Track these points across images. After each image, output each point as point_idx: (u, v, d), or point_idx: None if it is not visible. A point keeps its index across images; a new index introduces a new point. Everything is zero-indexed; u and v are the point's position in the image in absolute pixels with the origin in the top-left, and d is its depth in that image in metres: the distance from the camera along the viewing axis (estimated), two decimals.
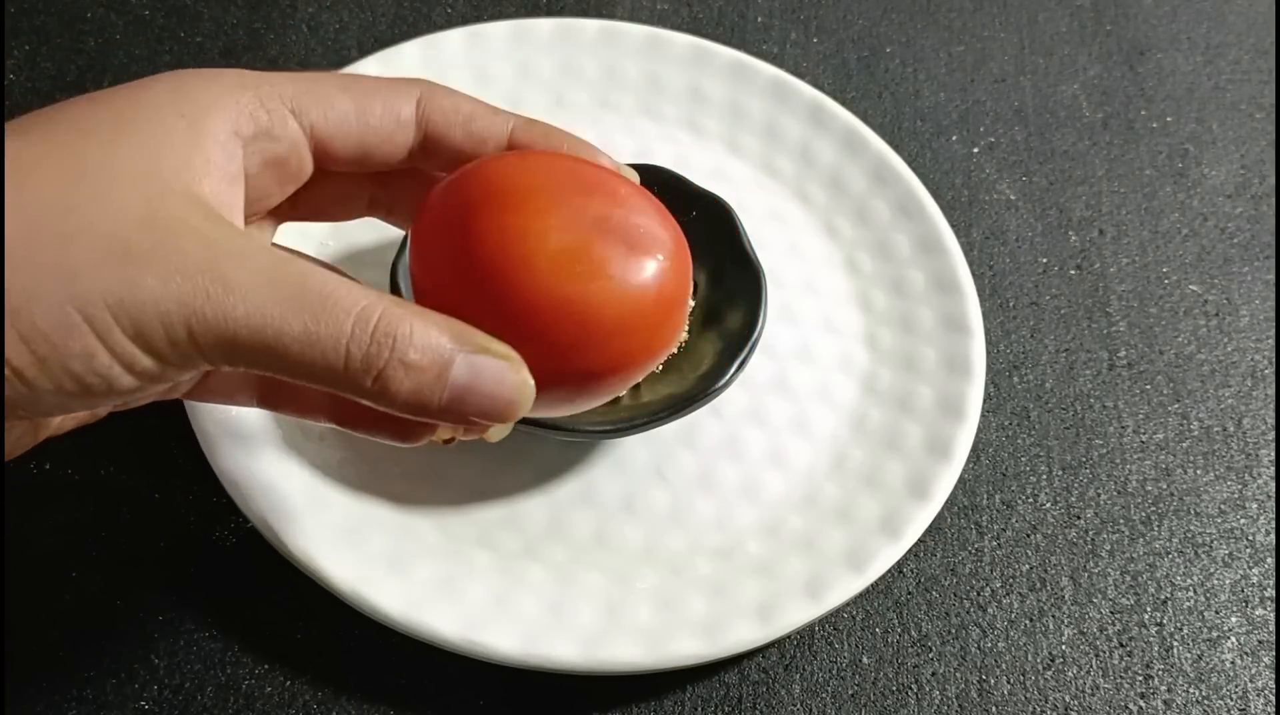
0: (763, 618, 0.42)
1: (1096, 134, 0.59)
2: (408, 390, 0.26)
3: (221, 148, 0.27)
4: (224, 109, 0.27)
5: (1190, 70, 0.61)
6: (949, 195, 0.56)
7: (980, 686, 0.44)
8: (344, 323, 0.25)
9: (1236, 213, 0.57)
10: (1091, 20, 0.63)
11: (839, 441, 0.47)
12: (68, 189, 0.24)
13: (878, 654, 0.44)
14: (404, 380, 0.25)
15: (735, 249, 0.47)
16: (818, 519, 0.45)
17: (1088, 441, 0.50)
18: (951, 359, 0.48)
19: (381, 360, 0.25)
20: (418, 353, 0.25)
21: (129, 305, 0.24)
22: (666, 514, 0.45)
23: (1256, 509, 0.49)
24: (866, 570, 0.43)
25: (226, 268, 0.24)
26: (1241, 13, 0.64)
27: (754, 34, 0.60)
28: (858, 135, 0.53)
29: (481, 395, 0.26)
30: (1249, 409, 0.51)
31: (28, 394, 0.24)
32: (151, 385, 0.25)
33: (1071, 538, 0.47)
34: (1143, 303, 0.54)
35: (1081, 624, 0.45)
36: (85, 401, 0.25)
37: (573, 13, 0.59)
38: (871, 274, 0.51)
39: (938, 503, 0.45)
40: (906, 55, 0.61)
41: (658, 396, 0.45)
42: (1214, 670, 0.45)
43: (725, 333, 0.46)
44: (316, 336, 0.25)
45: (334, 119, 0.30)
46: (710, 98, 0.55)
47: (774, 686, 0.43)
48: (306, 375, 0.25)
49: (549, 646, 0.40)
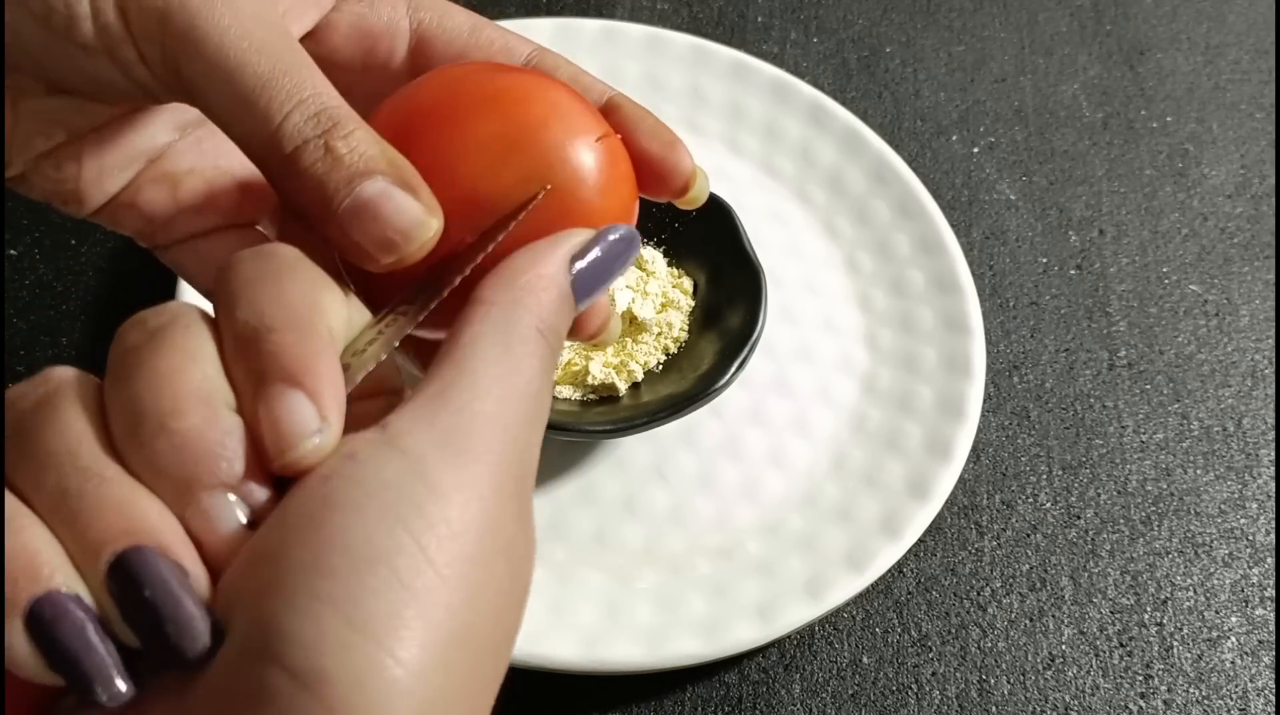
0: (763, 618, 0.42)
1: (1096, 134, 0.59)
2: (318, 172, 0.25)
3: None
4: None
5: (1190, 70, 0.61)
6: (949, 195, 0.56)
7: (980, 686, 0.44)
8: (302, 88, 0.25)
9: (1236, 213, 0.57)
10: (1091, 20, 0.63)
11: (839, 441, 0.47)
12: None
13: (878, 654, 0.44)
14: (318, 162, 0.25)
15: (735, 249, 0.47)
16: (818, 519, 0.45)
17: (1088, 441, 0.50)
18: (951, 359, 0.48)
19: (311, 133, 0.25)
20: (346, 148, 0.25)
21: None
22: (666, 514, 0.45)
23: (1256, 509, 0.49)
24: (866, 570, 0.43)
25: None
26: (1241, 13, 0.64)
27: (754, 34, 0.60)
28: (858, 135, 0.53)
29: (380, 220, 0.25)
30: (1249, 409, 0.51)
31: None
32: (107, 60, 0.25)
33: (1071, 538, 0.47)
34: (1143, 303, 0.54)
35: (1081, 624, 0.45)
36: (47, 34, 0.25)
37: (573, 13, 0.59)
38: (871, 274, 0.51)
39: (938, 503, 0.45)
40: (906, 55, 0.61)
41: (658, 396, 0.45)
42: (1214, 670, 0.45)
43: (725, 333, 0.46)
44: (272, 84, 0.24)
45: (449, 27, 0.29)
46: (710, 98, 0.55)
47: (774, 686, 0.43)
48: (235, 115, 0.25)
49: (549, 646, 0.40)
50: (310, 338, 0.22)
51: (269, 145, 0.25)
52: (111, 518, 0.20)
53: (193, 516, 0.21)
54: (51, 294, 0.49)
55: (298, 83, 0.25)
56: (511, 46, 0.30)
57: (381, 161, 0.25)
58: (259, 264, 0.23)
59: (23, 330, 0.48)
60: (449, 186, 0.26)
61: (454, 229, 0.26)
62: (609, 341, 0.32)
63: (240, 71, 0.24)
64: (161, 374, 0.21)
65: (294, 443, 0.21)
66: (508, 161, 0.27)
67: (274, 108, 0.24)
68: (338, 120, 0.25)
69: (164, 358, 0.21)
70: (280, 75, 0.25)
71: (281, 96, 0.24)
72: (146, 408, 0.21)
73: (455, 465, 0.21)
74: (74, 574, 0.20)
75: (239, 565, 0.20)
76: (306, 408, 0.21)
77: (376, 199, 0.25)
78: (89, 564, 0.20)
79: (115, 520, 0.20)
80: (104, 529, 0.20)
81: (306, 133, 0.25)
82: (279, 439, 0.21)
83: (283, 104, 0.25)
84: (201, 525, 0.21)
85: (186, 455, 0.21)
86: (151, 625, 0.20)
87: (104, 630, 0.20)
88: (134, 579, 0.20)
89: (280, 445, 0.21)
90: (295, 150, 0.25)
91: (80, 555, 0.20)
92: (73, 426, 0.21)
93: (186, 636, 0.20)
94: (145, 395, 0.21)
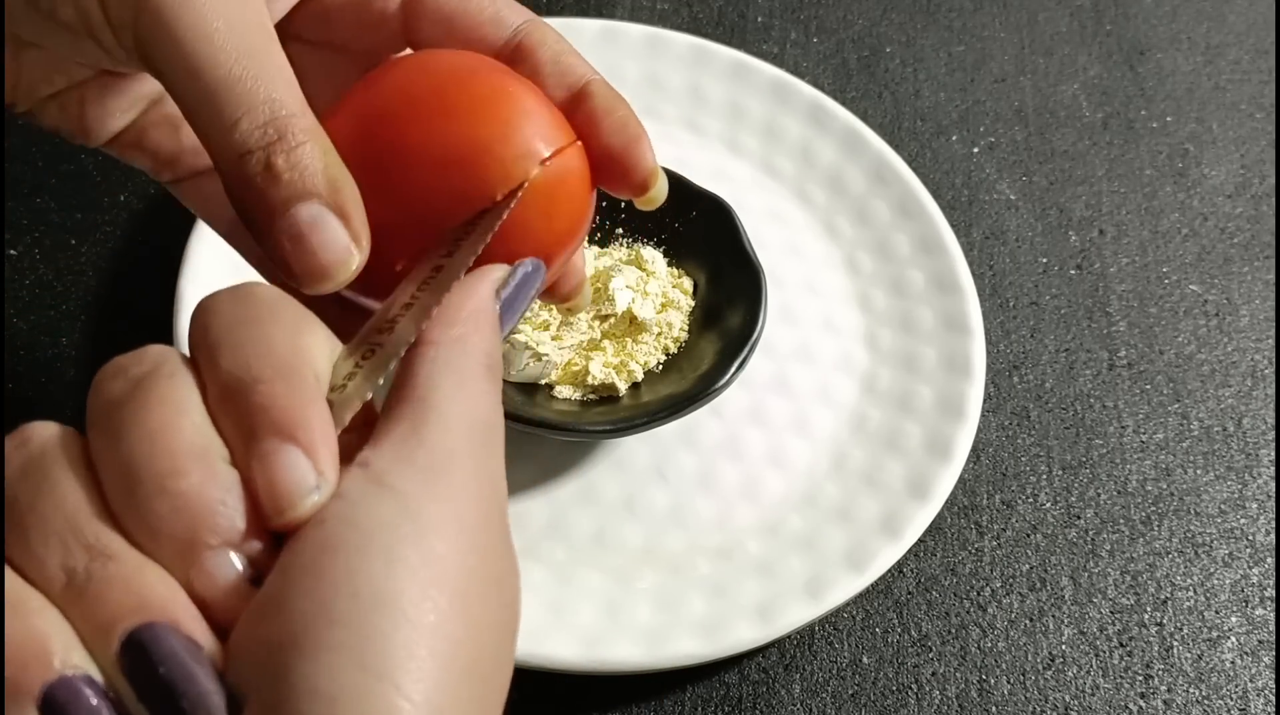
0: (763, 618, 0.42)
1: (1096, 134, 0.59)
2: (257, 186, 0.24)
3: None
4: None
5: (1190, 70, 0.61)
6: (949, 195, 0.56)
7: (980, 686, 0.44)
8: (256, 94, 0.24)
9: (1236, 213, 0.57)
10: (1091, 20, 0.63)
11: (839, 441, 0.47)
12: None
13: (878, 654, 0.44)
14: (257, 174, 0.24)
15: (735, 249, 0.47)
16: (818, 519, 0.45)
17: (1088, 441, 0.50)
18: (951, 359, 0.48)
19: (256, 144, 0.24)
20: (287, 164, 0.24)
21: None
22: (666, 514, 0.45)
23: (1256, 509, 0.49)
24: (866, 570, 0.43)
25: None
26: (1241, 13, 0.64)
27: (754, 34, 0.60)
28: (858, 135, 0.53)
29: (308, 249, 0.24)
30: (1249, 409, 0.51)
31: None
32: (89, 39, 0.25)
33: (1071, 538, 0.47)
34: (1143, 303, 0.54)
35: (1081, 624, 0.45)
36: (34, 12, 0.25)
37: (573, 13, 0.59)
38: (871, 274, 0.51)
39: (938, 503, 0.45)
40: (906, 55, 0.61)
41: (658, 396, 0.45)
42: (1214, 670, 0.45)
43: (725, 333, 0.46)
44: (230, 88, 0.24)
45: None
46: (710, 98, 0.55)
47: (774, 686, 0.43)
48: (194, 113, 0.25)
49: (549, 646, 0.40)
50: (298, 387, 0.21)
51: (219, 149, 0.25)
52: (121, 594, 0.20)
53: (196, 577, 0.20)
54: (51, 294, 0.49)
55: (252, 89, 0.24)
56: (501, 15, 0.29)
57: (321, 182, 0.25)
58: (238, 309, 0.22)
59: (23, 330, 0.48)
60: (389, 202, 0.26)
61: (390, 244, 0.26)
62: (581, 306, 0.32)
63: (200, 71, 0.24)
64: (152, 430, 0.21)
65: (293, 502, 0.20)
66: (449, 180, 0.27)
67: (226, 112, 0.24)
68: (284, 132, 0.24)
69: (152, 412, 0.21)
70: (237, 80, 0.24)
71: (235, 101, 0.24)
72: (141, 469, 0.20)
73: (442, 500, 0.21)
74: (85, 655, 0.20)
75: (247, 622, 0.20)
76: (303, 464, 0.21)
77: (307, 226, 0.24)
78: (100, 642, 0.20)
79: (125, 597, 0.20)
80: (114, 607, 0.20)
81: (252, 142, 0.24)
82: (277, 498, 0.20)
83: (234, 109, 0.24)
84: (206, 585, 0.20)
85: (187, 517, 0.20)
86: (167, 703, 0.19)
87: (118, 711, 0.19)
88: (148, 656, 0.19)
89: (279, 505, 0.20)
90: (240, 159, 0.24)
91: (90, 634, 0.20)
92: (69, 496, 0.20)
93: (202, 712, 0.19)
94: (138, 455, 0.20)
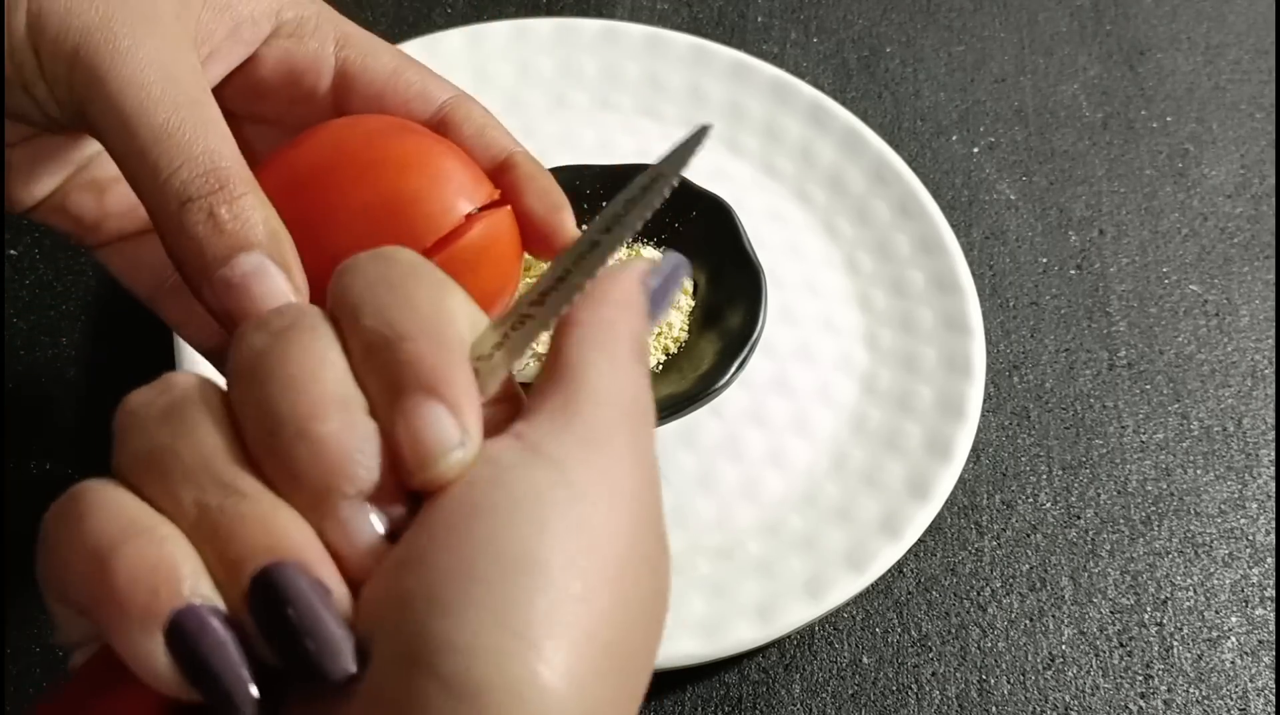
0: (763, 618, 0.42)
1: (1096, 134, 0.59)
2: (199, 234, 0.24)
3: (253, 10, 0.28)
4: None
5: (1190, 70, 0.61)
6: (949, 195, 0.56)
7: (980, 686, 0.44)
8: (194, 145, 0.25)
9: (1236, 213, 0.57)
10: (1091, 20, 0.63)
11: (839, 441, 0.47)
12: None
13: (878, 654, 0.44)
14: (199, 224, 0.24)
15: (735, 249, 0.47)
16: (818, 519, 0.45)
17: (1088, 441, 0.50)
18: (951, 359, 0.48)
19: (197, 193, 0.24)
20: (230, 214, 0.24)
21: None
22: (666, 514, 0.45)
23: (1256, 509, 0.49)
24: (866, 570, 0.43)
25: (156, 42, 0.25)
26: (1241, 13, 0.64)
27: (754, 34, 0.60)
28: (858, 135, 0.53)
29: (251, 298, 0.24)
30: (1249, 409, 0.51)
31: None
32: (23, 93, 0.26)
33: (1071, 538, 0.47)
34: (1143, 303, 0.54)
35: (1081, 624, 0.45)
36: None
37: (573, 13, 0.59)
38: (871, 274, 0.51)
39: (938, 503, 0.45)
40: (906, 55, 0.61)
41: (657, 396, 0.45)
42: (1214, 670, 0.45)
43: (725, 333, 0.46)
44: (168, 137, 0.25)
45: (371, 67, 0.30)
46: (710, 98, 0.55)
47: (774, 686, 0.43)
48: (130, 163, 0.25)
49: None
50: (444, 346, 0.21)
51: (157, 198, 0.25)
52: (253, 533, 0.20)
53: (330, 528, 0.20)
54: (51, 294, 0.49)
55: (191, 139, 0.25)
56: (429, 91, 0.30)
57: (263, 233, 0.25)
58: (381, 268, 0.22)
59: (23, 330, 0.48)
60: (320, 254, 0.26)
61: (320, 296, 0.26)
62: None
63: (135, 122, 0.25)
64: (296, 377, 0.20)
65: (436, 457, 0.20)
66: (379, 232, 0.27)
67: (163, 162, 0.25)
68: (225, 182, 0.25)
69: (295, 361, 0.21)
70: (176, 129, 0.25)
71: (173, 151, 0.25)
72: (283, 412, 0.20)
73: (598, 471, 0.21)
74: (213, 588, 0.19)
75: (381, 577, 0.20)
76: (447, 420, 0.20)
77: (250, 276, 0.24)
78: (230, 579, 0.19)
79: (258, 535, 0.19)
80: (247, 544, 0.19)
81: (193, 190, 0.25)
82: (421, 453, 0.20)
83: (172, 159, 0.25)
84: (339, 537, 0.20)
85: (326, 462, 0.20)
86: (294, 644, 0.19)
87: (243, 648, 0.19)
88: (277, 596, 0.19)
89: (422, 459, 0.20)
90: (180, 207, 0.25)
91: (221, 570, 0.19)
92: (206, 439, 0.20)
93: (329, 656, 0.19)
94: (281, 399, 0.20)
